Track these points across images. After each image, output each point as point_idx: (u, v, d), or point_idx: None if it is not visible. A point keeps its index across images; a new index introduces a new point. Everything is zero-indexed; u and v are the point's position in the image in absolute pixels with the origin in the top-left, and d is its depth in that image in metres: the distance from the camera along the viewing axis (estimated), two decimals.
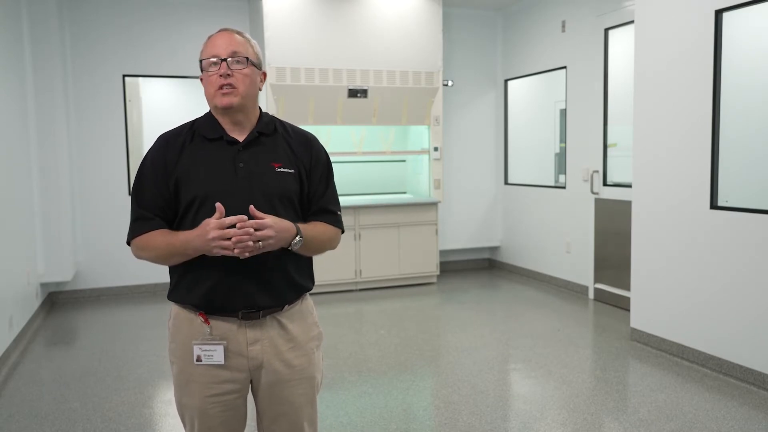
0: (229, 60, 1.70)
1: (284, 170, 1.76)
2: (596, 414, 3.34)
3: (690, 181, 4.05)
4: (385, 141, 6.68)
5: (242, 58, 1.72)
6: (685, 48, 4.06)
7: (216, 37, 1.75)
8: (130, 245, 1.77)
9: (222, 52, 1.71)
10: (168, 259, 1.72)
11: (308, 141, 1.86)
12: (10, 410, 3.46)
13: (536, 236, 6.74)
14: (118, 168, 6.18)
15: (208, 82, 1.73)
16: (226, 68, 1.70)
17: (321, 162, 1.85)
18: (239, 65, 1.72)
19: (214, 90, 1.71)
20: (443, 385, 3.81)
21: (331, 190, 1.88)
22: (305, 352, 1.82)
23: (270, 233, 1.61)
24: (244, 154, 1.74)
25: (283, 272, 1.75)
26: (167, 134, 1.80)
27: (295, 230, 1.69)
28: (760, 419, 3.24)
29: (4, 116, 4.48)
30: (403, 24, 6.26)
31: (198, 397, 1.74)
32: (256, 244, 1.60)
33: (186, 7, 6.29)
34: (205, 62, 1.72)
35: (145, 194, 1.74)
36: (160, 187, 1.72)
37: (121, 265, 6.12)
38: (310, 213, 1.83)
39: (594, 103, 5.76)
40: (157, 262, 1.75)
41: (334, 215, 1.86)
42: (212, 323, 1.72)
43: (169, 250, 1.68)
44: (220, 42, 1.73)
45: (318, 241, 1.79)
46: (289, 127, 1.87)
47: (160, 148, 1.76)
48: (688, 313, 4.11)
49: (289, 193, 1.77)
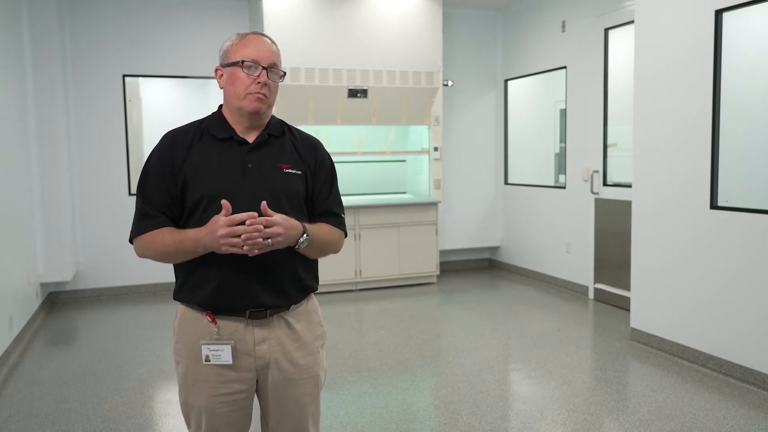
0: (269, 70, 1.73)
1: (292, 171, 1.78)
2: (596, 414, 3.34)
3: (690, 181, 4.05)
4: (385, 141, 6.68)
5: (279, 72, 1.77)
6: (685, 48, 4.06)
7: (257, 41, 1.75)
8: (132, 243, 1.76)
9: (264, 60, 1.73)
10: (174, 257, 1.71)
11: (313, 145, 1.88)
12: (10, 410, 3.46)
13: (536, 236, 6.74)
14: (118, 168, 6.18)
15: (238, 81, 1.73)
16: (266, 77, 1.73)
17: (325, 165, 1.87)
18: (275, 77, 1.76)
19: (244, 91, 1.72)
20: (443, 385, 3.81)
21: (335, 193, 1.89)
22: (311, 351, 1.83)
23: (279, 230, 1.61)
24: (254, 155, 1.75)
25: (291, 272, 1.76)
26: (174, 132, 1.79)
27: (302, 229, 1.69)
28: (760, 419, 3.24)
29: (4, 116, 4.48)
30: (403, 24, 6.26)
31: (205, 396, 1.74)
32: (265, 241, 1.60)
33: (186, 7, 6.29)
34: (246, 63, 1.72)
35: (151, 192, 1.73)
36: (167, 184, 1.72)
37: (121, 265, 6.12)
38: (315, 215, 1.84)
39: (594, 103, 5.76)
40: (162, 261, 1.74)
41: (337, 218, 1.87)
42: (219, 323, 1.72)
43: (177, 248, 1.67)
44: (262, 48, 1.74)
45: (323, 242, 1.79)
46: (295, 131, 1.89)
47: (167, 146, 1.75)
48: (688, 313, 4.11)
49: (296, 194, 1.78)
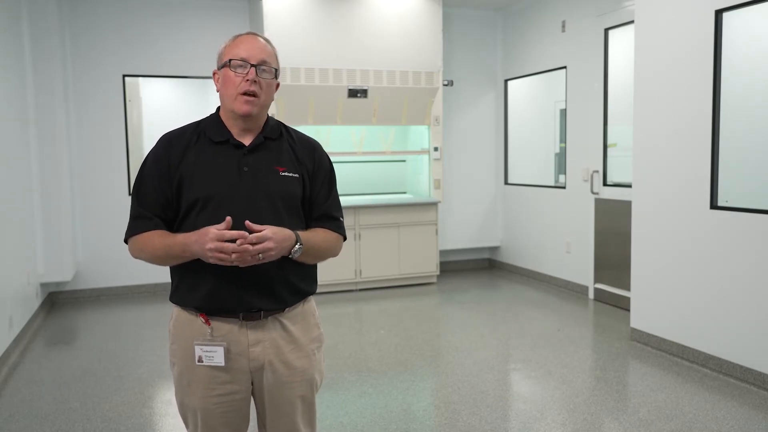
0: (258, 67, 1.71)
1: (288, 174, 1.77)
2: (596, 414, 3.34)
3: (690, 181, 4.05)
4: (385, 141, 6.68)
5: (270, 68, 1.74)
6: (685, 48, 4.06)
7: (247, 40, 1.74)
8: (127, 243, 1.77)
9: (253, 57, 1.71)
10: (164, 261, 1.72)
11: (312, 146, 1.87)
12: (10, 410, 3.46)
13: (536, 236, 6.74)
14: (118, 168, 6.18)
15: (229, 81, 1.72)
16: (254, 75, 1.71)
17: (324, 167, 1.86)
18: (266, 75, 1.73)
19: (235, 91, 1.71)
20: (443, 385, 3.81)
21: (334, 196, 1.88)
22: (306, 353, 1.82)
23: (270, 245, 1.60)
24: (249, 158, 1.74)
25: (284, 279, 1.75)
26: (171, 134, 1.79)
27: (294, 238, 1.68)
28: (760, 419, 3.24)
29: (4, 116, 4.48)
30: (403, 24, 6.26)
31: (200, 397, 1.74)
32: (256, 256, 1.59)
33: (186, 7, 6.29)
34: (234, 62, 1.71)
35: (146, 193, 1.73)
36: (162, 186, 1.72)
37: (121, 265, 6.12)
38: (313, 219, 1.83)
39: (594, 103, 5.76)
40: (154, 263, 1.75)
41: (336, 221, 1.86)
42: (213, 324, 1.72)
43: (167, 252, 1.68)
44: (252, 46, 1.73)
45: (318, 248, 1.78)
46: (293, 133, 1.87)
47: (163, 148, 1.76)
48: (688, 313, 4.11)
49: (293, 197, 1.77)
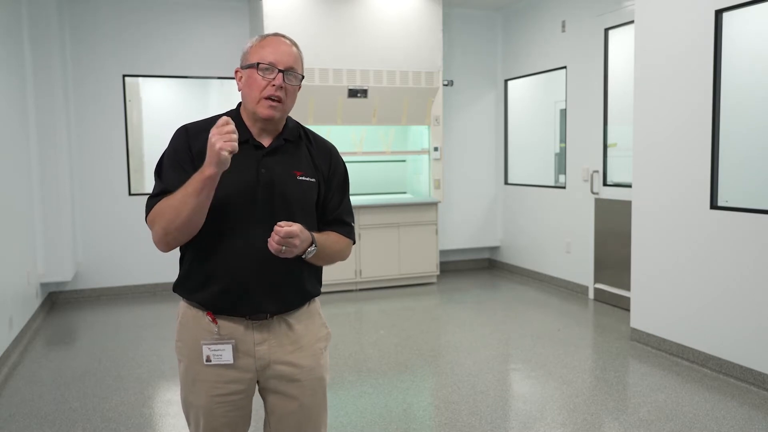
0: (285, 73, 1.70)
1: (305, 179, 1.76)
2: (596, 414, 3.34)
3: (690, 181, 4.05)
4: (385, 141, 6.68)
5: (297, 75, 1.73)
6: (685, 48, 4.06)
7: (276, 43, 1.73)
8: (148, 223, 1.67)
9: (281, 63, 1.70)
10: (183, 209, 1.58)
11: (329, 151, 1.86)
12: (10, 410, 3.46)
13: (536, 236, 6.74)
14: (118, 168, 6.18)
15: (254, 83, 1.70)
16: (281, 80, 1.69)
17: (339, 172, 1.86)
18: (293, 81, 1.72)
19: (259, 94, 1.69)
20: (443, 385, 3.81)
21: (346, 201, 1.88)
22: (313, 352, 1.82)
23: (296, 242, 1.61)
24: (268, 160, 1.73)
25: (295, 280, 1.75)
26: (190, 126, 1.75)
27: (311, 239, 1.68)
28: (760, 419, 3.24)
29: (4, 116, 4.48)
30: (403, 24, 6.26)
31: (204, 396, 1.74)
32: (279, 248, 1.59)
33: (186, 7, 6.29)
34: (262, 65, 1.69)
35: (168, 171, 1.69)
36: (185, 166, 1.66)
37: (121, 265, 6.12)
38: (325, 222, 1.83)
39: (594, 103, 5.76)
40: (172, 225, 1.60)
41: (348, 226, 1.86)
42: (220, 323, 1.72)
43: (184, 195, 1.57)
44: (281, 51, 1.71)
45: (330, 251, 1.78)
46: (311, 136, 1.86)
47: (184, 137, 1.72)
48: (688, 313, 4.11)
49: (308, 202, 1.77)
